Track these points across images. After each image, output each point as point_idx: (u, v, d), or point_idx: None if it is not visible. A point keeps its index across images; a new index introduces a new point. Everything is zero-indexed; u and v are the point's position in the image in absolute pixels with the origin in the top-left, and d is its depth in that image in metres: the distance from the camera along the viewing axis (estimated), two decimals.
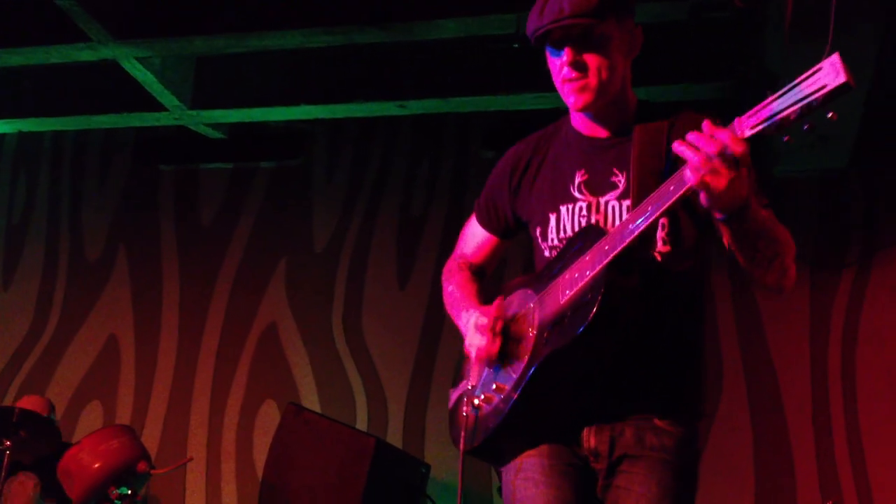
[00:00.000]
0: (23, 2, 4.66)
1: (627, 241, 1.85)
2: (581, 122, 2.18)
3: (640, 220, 1.85)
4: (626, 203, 2.03)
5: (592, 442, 2.05)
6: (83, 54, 4.77)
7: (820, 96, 1.59)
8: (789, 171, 5.09)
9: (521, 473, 2.07)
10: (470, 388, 2.21)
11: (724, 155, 1.71)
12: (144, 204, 6.03)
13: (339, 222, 5.69)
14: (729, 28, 4.38)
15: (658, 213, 1.82)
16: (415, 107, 5.11)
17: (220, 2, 4.52)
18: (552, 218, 2.16)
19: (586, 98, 2.06)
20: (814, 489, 4.73)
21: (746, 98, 5.02)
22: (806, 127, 1.65)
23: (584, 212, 2.11)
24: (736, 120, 1.73)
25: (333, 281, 5.60)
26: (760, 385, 4.98)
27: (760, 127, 1.68)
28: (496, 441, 2.10)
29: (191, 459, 5.08)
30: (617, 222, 2.03)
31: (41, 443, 4.39)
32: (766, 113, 1.66)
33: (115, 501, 4.04)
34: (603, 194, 2.10)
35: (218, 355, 5.65)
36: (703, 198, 1.77)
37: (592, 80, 2.04)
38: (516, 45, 4.50)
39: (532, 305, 2.11)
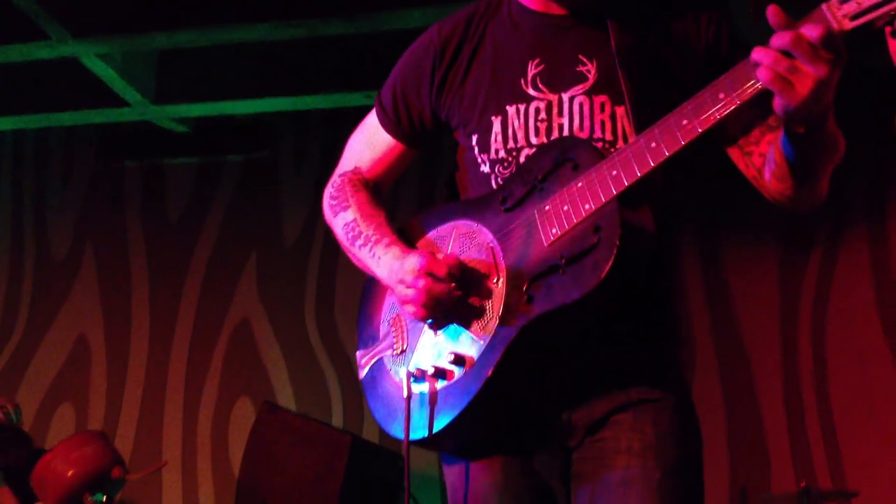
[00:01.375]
0: None
1: (651, 165, 1.41)
2: None
3: (671, 139, 1.39)
4: (600, 99, 1.59)
5: (568, 416, 1.60)
6: (42, 52, 4.69)
7: None
8: None
9: (471, 484, 1.62)
10: (399, 352, 1.67)
11: (814, 55, 1.26)
12: (110, 201, 5.95)
13: (309, 215, 5.65)
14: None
15: (700, 130, 1.37)
16: None
17: None
18: (496, 122, 1.66)
19: None
20: (787, 470, 4.79)
21: None
22: None
23: (543, 114, 1.63)
24: (823, 6, 1.27)
25: (305, 274, 5.57)
26: (732, 366, 5.03)
27: (870, 15, 1.22)
28: (456, 431, 1.56)
29: (165, 464, 5.05)
30: (585, 124, 1.58)
31: (13, 450, 4.33)
32: None
33: None
34: (566, 89, 1.62)
35: (190, 353, 5.61)
36: (778, 106, 1.32)
37: None
38: None
39: (489, 245, 1.58)
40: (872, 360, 4.83)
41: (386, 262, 1.67)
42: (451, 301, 1.57)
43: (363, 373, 1.81)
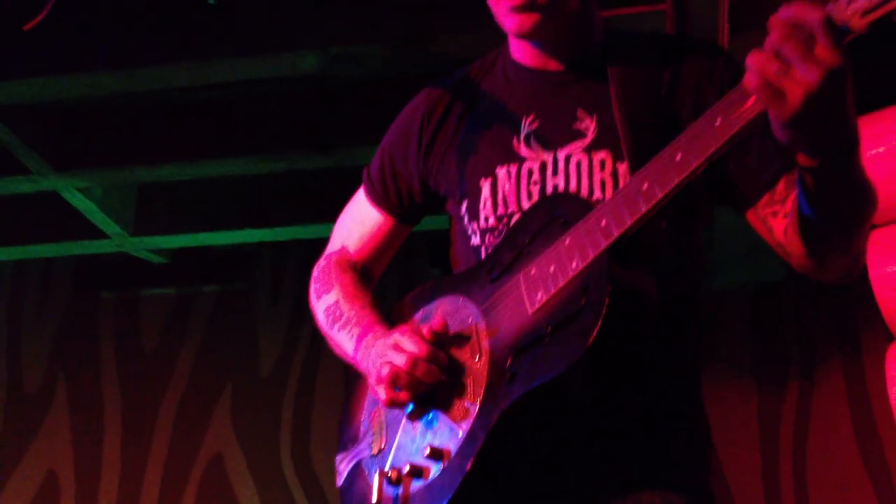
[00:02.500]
0: None
1: (645, 210, 1.18)
2: (525, 52, 1.54)
3: (665, 179, 1.16)
4: (600, 156, 1.42)
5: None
6: (23, 186, 4.73)
7: None
8: (726, 284, 5.18)
9: None
10: (375, 452, 1.49)
11: (812, 53, 0.99)
12: (84, 332, 5.90)
13: (285, 346, 5.62)
14: None
15: (695, 166, 1.15)
16: None
17: (162, 131, 4.53)
18: (485, 186, 1.50)
19: (533, 19, 1.42)
20: None
21: None
22: None
23: (536, 175, 1.47)
24: (828, 6, 1.02)
25: (280, 407, 5.50)
26: None
27: (883, 9, 0.95)
28: None
29: None
30: (584, 183, 1.40)
31: None
32: None
33: None
34: (562, 146, 1.46)
35: (161, 491, 5.47)
36: (773, 125, 1.07)
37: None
38: None
39: (472, 321, 1.40)
40: (854, 492, 4.77)
41: (365, 346, 1.48)
42: (430, 379, 1.35)
43: (341, 479, 1.61)
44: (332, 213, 5.00)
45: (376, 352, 1.42)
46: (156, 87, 4.05)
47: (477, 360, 1.34)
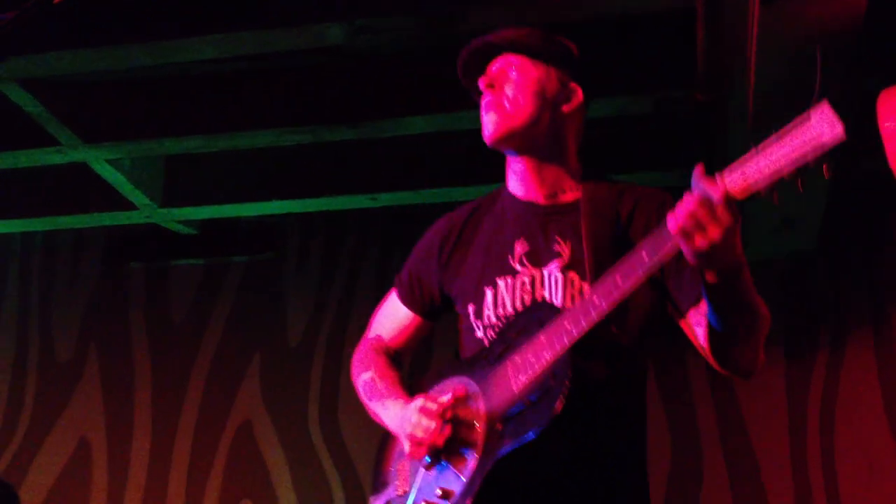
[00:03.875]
0: None
1: (594, 318, 1.65)
2: (517, 184, 2.00)
3: (607, 295, 1.64)
4: (571, 275, 1.85)
5: None
6: (53, 158, 4.78)
7: (815, 154, 1.40)
8: (756, 256, 5.14)
9: None
10: (401, 493, 1.91)
11: (713, 214, 1.50)
12: (115, 302, 5.97)
13: (313, 316, 5.66)
14: (693, 121, 4.45)
15: (629, 287, 1.63)
16: (386, 199, 5.14)
17: (190, 103, 4.55)
18: (489, 293, 1.94)
19: (495, 122, 1.90)
20: None
21: None
22: (800, 188, 1.47)
23: (528, 286, 1.90)
24: (717, 176, 1.52)
25: (309, 376, 5.55)
26: (741, 475, 4.95)
27: (754, 189, 1.48)
28: None
29: None
30: (558, 295, 1.85)
31: None
32: (754, 171, 1.46)
33: None
34: (546, 265, 1.90)
35: (192, 456, 5.55)
36: (690, 257, 1.55)
37: (501, 98, 1.91)
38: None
39: (474, 396, 1.84)
40: (883, 464, 4.76)
41: (394, 412, 1.98)
42: (442, 439, 1.83)
43: None
44: (358, 184, 5.08)
45: (403, 416, 1.90)
46: (183, 60, 4.07)
47: (476, 425, 1.81)
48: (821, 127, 1.42)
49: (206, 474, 5.49)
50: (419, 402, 1.90)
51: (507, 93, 1.91)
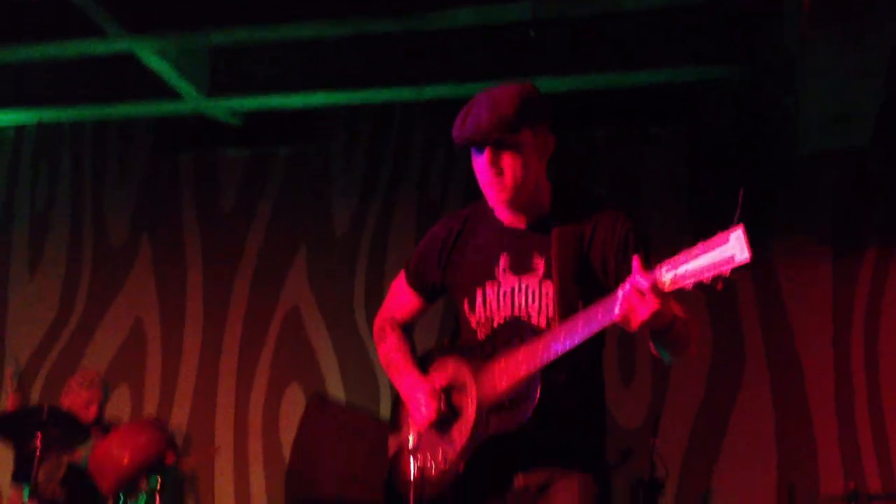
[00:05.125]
0: None
1: (559, 353, 2.19)
2: (502, 214, 2.47)
3: (570, 336, 2.17)
4: (546, 286, 2.37)
5: (521, 482, 2.36)
6: (98, 48, 4.79)
7: (728, 270, 1.90)
8: (811, 150, 5.05)
9: None
10: (411, 445, 2.49)
11: (644, 301, 2.01)
12: (165, 191, 6.07)
13: (358, 207, 5.71)
14: (748, 13, 4.32)
15: (587, 335, 2.15)
16: (430, 92, 5.10)
17: None
18: (479, 293, 2.46)
19: (505, 196, 2.37)
20: (836, 471, 4.76)
21: (765, 84, 4.97)
22: (719, 287, 1.93)
23: (508, 295, 2.42)
24: (657, 268, 2.00)
25: (355, 265, 5.64)
26: (782, 366, 4.99)
27: (679, 285, 1.98)
28: (441, 501, 2.41)
29: (218, 450, 5.17)
30: (534, 302, 2.38)
31: (71, 438, 4.48)
32: (683, 271, 1.97)
33: (146, 491, 4.13)
34: (524, 276, 2.41)
35: (242, 340, 5.72)
36: (628, 326, 2.06)
37: (508, 180, 2.34)
38: (532, 33, 4.46)
39: (468, 381, 2.40)
40: None
41: (406, 385, 2.53)
42: (439, 420, 2.39)
43: (390, 454, 2.57)
44: (402, 76, 5.03)
45: (413, 394, 2.48)
46: None
47: (470, 407, 2.37)
48: (737, 248, 1.90)
49: (255, 357, 5.66)
50: (428, 385, 2.44)
51: (508, 178, 2.33)
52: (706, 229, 1.90)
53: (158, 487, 4.08)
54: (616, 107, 5.43)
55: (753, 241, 1.88)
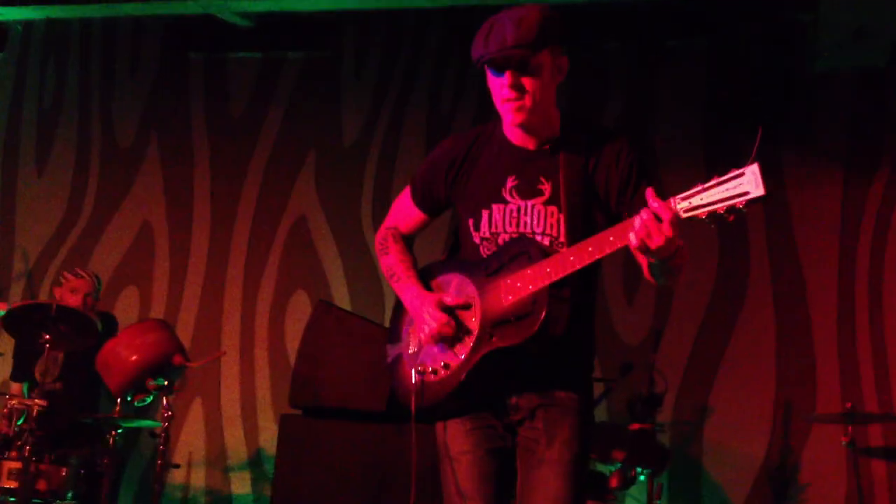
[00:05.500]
0: None
1: (568, 271, 2.30)
2: (512, 133, 2.53)
3: (581, 258, 2.27)
4: (551, 208, 2.45)
5: (513, 400, 2.47)
6: None
7: (742, 202, 2.00)
8: (828, 68, 4.99)
9: (453, 434, 2.52)
10: (411, 352, 2.57)
11: (660, 227, 2.12)
12: (175, 92, 6.02)
13: (368, 116, 5.67)
14: None
15: (597, 256, 2.26)
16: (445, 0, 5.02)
17: None
18: (485, 213, 2.52)
19: (522, 117, 2.42)
20: (834, 390, 4.82)
21: None
22: (730, 218, 2.03)
23: (515, 213, 2.48)
24: (672, 199, 2.11)
25: (363, 174, 5.62)
26: (786, 282, 5.01)
27: (693, 213, 2.08)
28: (441, 407, 2.51)
29: (224, 354, 5.23)
30: (540, 223, 2.45)
31: (79, 335, 4.53)
32: (697, 201, 2.07)
33: (153, 392, 4.19)
34: (531, 198, 2.48)
35: (249, 245, 5.74)
36: (637, 251, 2.19)
37: (528, 101, 2.39)
38: None
39: (473, 295, 2.48)
40: None
41: (409, 297, 2.59)
42: (448, 329, 2.46)
43: (389, 360, 2.65)
44: None
45: (418, 306, 2.54)
46: None
47: (473, 320, 2.45)
48: (751, 184, 1.99)
49: (262, 264, 5.70)
50: (434, 298, 2.50)
51: (527, 98, 2.38)
52: (720, 144, 1.94)
53: (166, 385, 4.13)
54: (633, 20, 5.33)
55: (765, 155, 1.93)
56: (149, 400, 4.25)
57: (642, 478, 3.96)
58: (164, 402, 4.08)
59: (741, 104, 5.14)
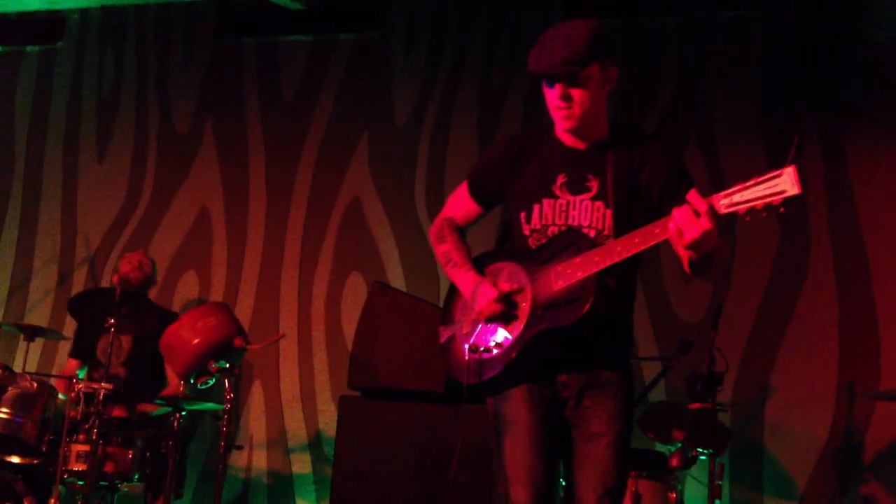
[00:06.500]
0: None
1: (615, 260, 2.49)
2: (565, 136, 2.75)
3: (627, 249, 2.47)
4: (598, 204, 2.66)
5: (564, 377, 2.67)
6: None
7: (779, 200, 2.17)
8: (889, 37, 4.86)
9: (506, 402, 2.68)
10: (465, 332, 2.76)
11: (698, 220, 2.29)
12: (228, 77, 6.08)
13: (420, 96, 5.66)
14: None
15: (642, 248, 2.46)
16: None
17: None
18: (536, 207, 2.72)
19: (571, 124, 2.66)
20: None
21: None
22: (764, 214, 2.20)
23: (564, 208, 2.69)
24: (714, 196, 2.28)
25: (416, 154, 5.62)
26: (848, 257, 4.90)
27: (733, 209, 2.24)
28: (494, 383, 2.70)
29: (283, 336, 5.28)
30: (587, 217, 2.66)
31: (142, 318, 4.62)
32: (738, 198, 2.23)
33: (215, 374, 4.25)
34: (579, 195, 2.69)
35: (305, 228, 5.78)
36: (679, 244, 2.37)
37: (576, 110, 2.63)
38: None
39: (524, 281, 2.67)
40: None
41: (465, 281, 2.81)
42: (498, 313, 2.67)
43: (442, 340, 2.85)
44: None
45: (473, 291, 2.74)
46: None
47: (524, 304, 2.65)
48: (787, 184, 2.15)
49: (317, 247, 5.74)
50: (490, 281, 2.71)
51: (576, 107, 2.61)
52: (777, 119, 1.93)
53: (228, 367, 4.19)
54: None
55: (826, 123, 1.94)
56: (211, 382, 4.32)
57: (703, 458, 3.92)
58: (227, 384, 4.15)
59: (798, 76, 5.04)
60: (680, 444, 3.88)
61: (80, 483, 4.23)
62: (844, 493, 4.67)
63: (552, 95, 2.64)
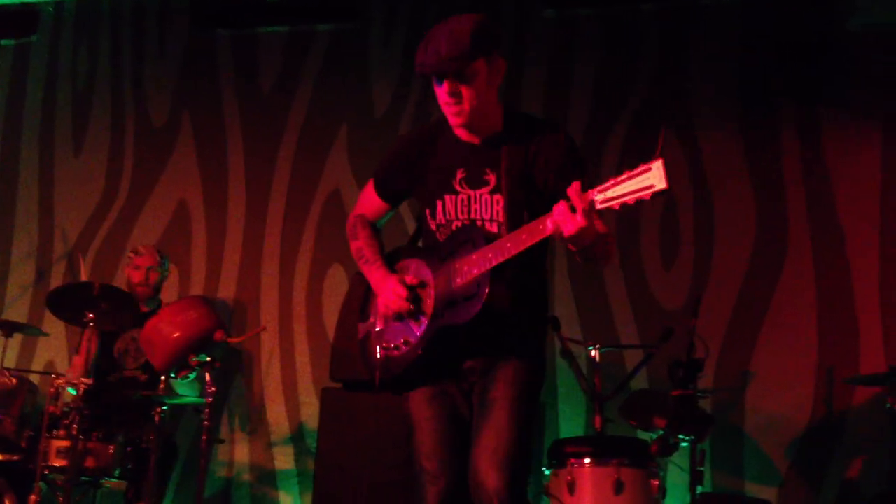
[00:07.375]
0: None
1: (507, 256, 2.53)
2: (460, 131, 2.80)
3: (517, 244, 2.50)
4: (496, 197, 2.72)
5: (469, 363, 2.75)
6: None
7: (648, 195, 2.21)
8: (863, 24, 4.89)
9: (412, 401, 2.79)
10: (377, 330, 2.85)
11: (574, 218, 2.34)
12: (205, 70, 6.03)
13: (398, 86, 5.64)
14: None
15: (530, 244, 2.48)
16: None
17: None
18: (439, 203, 2.79)
19: (462, 120, 2.69)
20: (878, 351, 4.76)
21: None
22: (636, 207, 2.24)
23: (465, 202, 2.75)
24: (590, 191, 2.32)
25: None
26: (826, 243, 4.94)
27: (608, 204, 2.29)
28: (403, 379, 2.80)
29: (264, 329, 5.26)
30: (487, 211, 2.72)
31: (122, 313, 4.59)
32: (612, 193, 2.28)
33: (196, 368, 4.24)
34: (478, 189, 2.74)
35: (284, 221, 5.76)
36: (561, 238, 2.40)
37: (466, 106, 2.66)
38: None
39: (428, 278, 2.75)
40: None
41: (376, 277, 2.88)
42: (407, 306, 2.75)
43: (360, 337, 2.93)
44: None
45: (383, 287, 2.82)
46: None
47: (429, 300, 2.73)
48: (656, 178, 2.18)
49: (297, 239, 5.71)
50: (397, 279, 2.78)
51: (465, 103, 2.64)
52: (755, 104, 1.89)
53: (209, 361, 4.17)
54: None
55: (803, 111, 1.90)
56: (192, 376, 4.30)
57: (685, 444, 3.94)
58: (207, 378, 4.13)
59: (775, 64, 5.06)
60: (662, 432, 3.89)
61: (62, 479, 4.20)
62: (825, 477, 4.71)
63: (441, 92, 2.66)
